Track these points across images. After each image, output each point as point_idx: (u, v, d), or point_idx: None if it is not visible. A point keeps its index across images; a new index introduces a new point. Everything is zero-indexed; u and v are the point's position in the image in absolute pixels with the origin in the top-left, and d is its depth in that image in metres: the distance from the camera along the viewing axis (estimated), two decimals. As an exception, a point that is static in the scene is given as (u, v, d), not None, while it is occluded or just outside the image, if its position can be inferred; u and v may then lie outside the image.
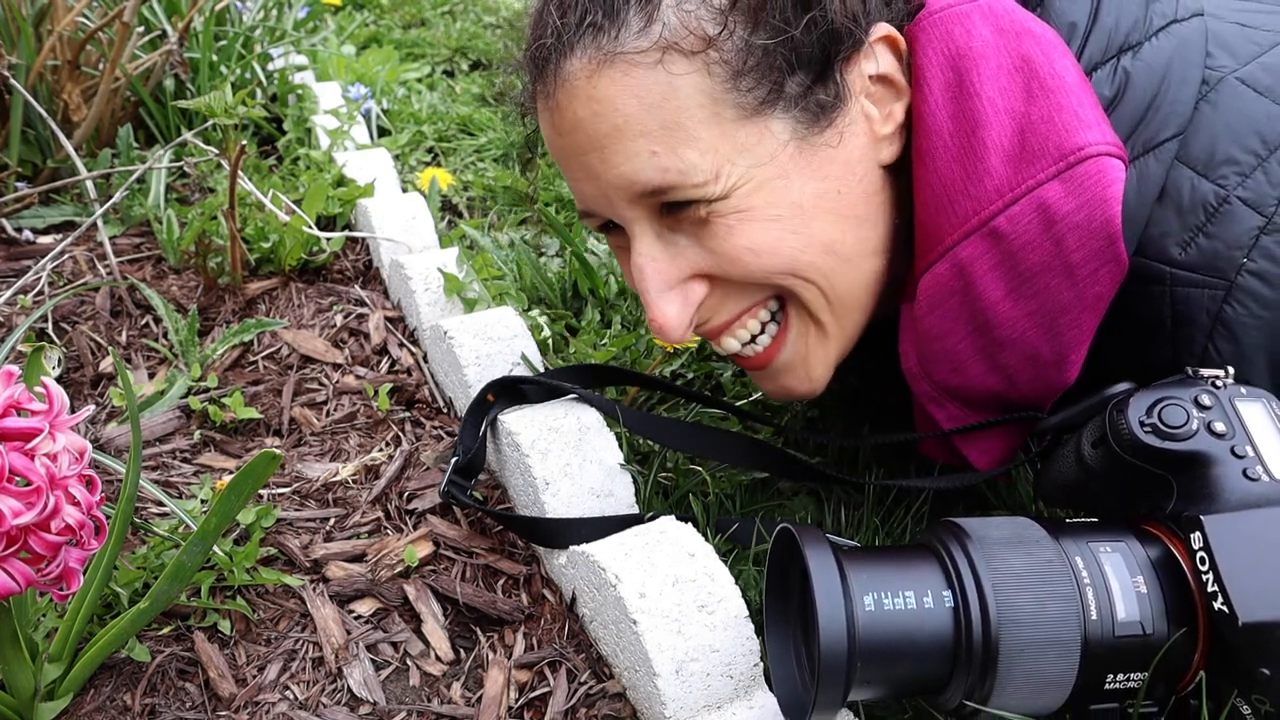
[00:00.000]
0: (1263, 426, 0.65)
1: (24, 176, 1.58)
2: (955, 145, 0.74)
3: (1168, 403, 0.66)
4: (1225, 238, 0.71)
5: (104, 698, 0.79)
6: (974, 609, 0.60)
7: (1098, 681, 0.61)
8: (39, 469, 0.61)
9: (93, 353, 1.22)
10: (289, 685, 0.81)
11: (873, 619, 0.60)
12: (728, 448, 0.95)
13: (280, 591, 0.90)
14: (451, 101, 2.07)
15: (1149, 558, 0.63)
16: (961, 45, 0.74)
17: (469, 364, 1.06)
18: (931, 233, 0.76)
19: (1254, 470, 0.63)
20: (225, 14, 1.91)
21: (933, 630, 0.61)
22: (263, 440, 1.10)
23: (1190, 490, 0.64)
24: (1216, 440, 0.64)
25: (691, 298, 0.79)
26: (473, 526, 0.98)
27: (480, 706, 0.80)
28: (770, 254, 0.76)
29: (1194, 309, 0.72)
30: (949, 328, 0.78)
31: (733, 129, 0.73)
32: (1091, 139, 0.71)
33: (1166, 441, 0.65)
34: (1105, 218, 0.71)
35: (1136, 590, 0.61)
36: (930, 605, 0.61)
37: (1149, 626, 0.61)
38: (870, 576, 0.62)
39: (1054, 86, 0.72)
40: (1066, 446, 0.75)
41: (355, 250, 1.49)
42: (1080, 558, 0.62)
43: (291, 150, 1.75)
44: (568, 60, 0.74)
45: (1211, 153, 0.72)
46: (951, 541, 0.63)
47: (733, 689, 0.75)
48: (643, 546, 0.80)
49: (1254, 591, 0.57)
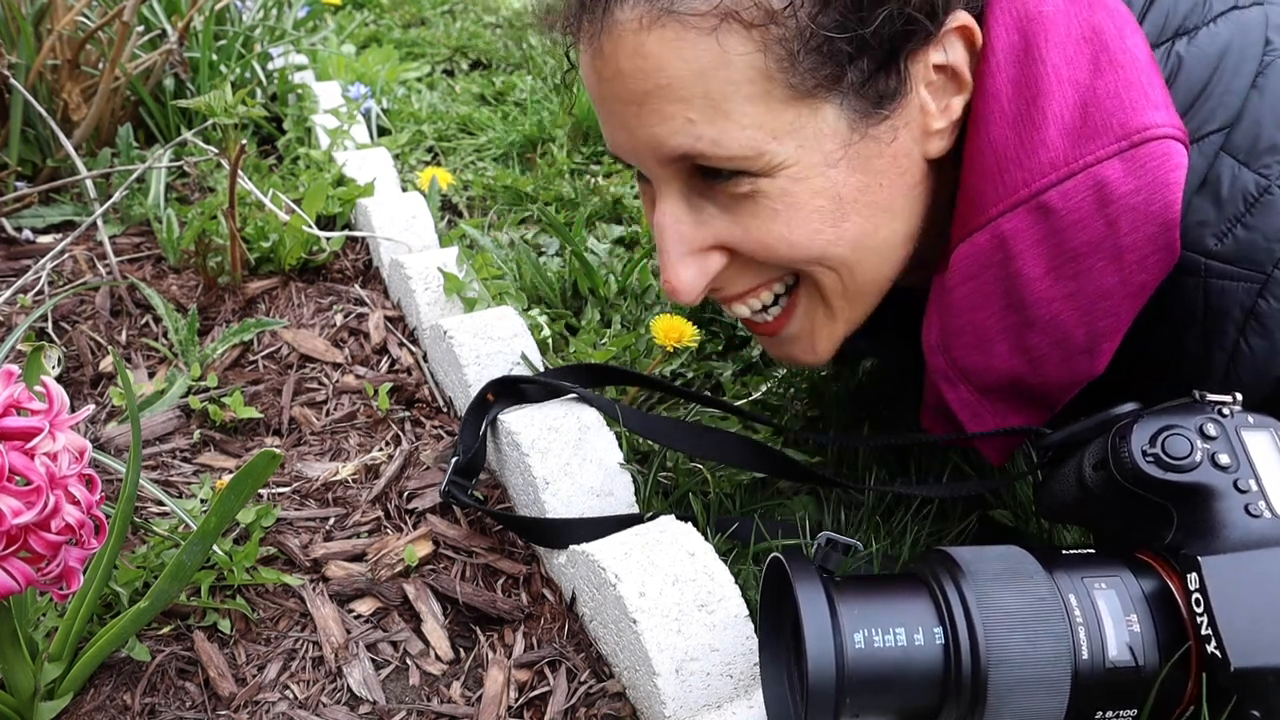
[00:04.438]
0: (1268, 458, 0.63)
1: (24, 176, 1.58)
2: (1013, 112, 0.70)
3: (1172, 432, 0.64)
4: (1264, 229, 0.68)
5: (104, 697, 0.79)
6: (964, 646, 0.60)
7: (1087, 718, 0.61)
8: (39, 468, 0.61)
9: (93, 352, 1.22)
10: (289, 685, 0.81)
11: (862, 655, 0.60)
12: (727, 448, 0.95)
13: (280, 591, 0.90)
14: (451, 101, 2.07)
15: (1143, 592, 0.62)
16: (1032, 9, 0.71)
17: (469, 363, 1.06)
18: (976, 201, 0.73)
19: (1256, 506, 0.61)
20: (225, 13, 1.91)
21: (922, 666, 0.61)
22: (263, 440, 1.10)
23: (1191, 522, 0.63)
24: (1220, 473, 0.63)
25: (709, 267, 0.76)
26: (473, 526, 0.98)
27: (480, 706, 0.80)
28: (804, 246, 0.73)
29: (1228, 302, 0.70)
30: (979, 301, 0.75)
31: (781, 109, 0.69)
32: (1158, 120, 0.68)
33: (1169, 473, 0.63)
34: (1165, 203, 0.68)
35: (1129, 628, 0.61)
36: (920, 642, 0.61)
37: (1141, 661, 0.60)
38: (861, 612, 0.61)
39: (1123, 61, 0.69)
40: (1068, 465, 0.74)
41: (355, 250, 1.49)
42: (1074, 595, 0.61)
43: (291, 150, 1.75)
44: (620, 7, 0.69)
45: (1255, 139, 0.69)
46: (944, 575, 0.63)
47: (733, 688, 0.75)
48: (643, 546, 0.80)
49: (1247, 636, 0.57)
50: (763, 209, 0.72)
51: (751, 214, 0.73)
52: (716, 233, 0.75)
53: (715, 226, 0.75)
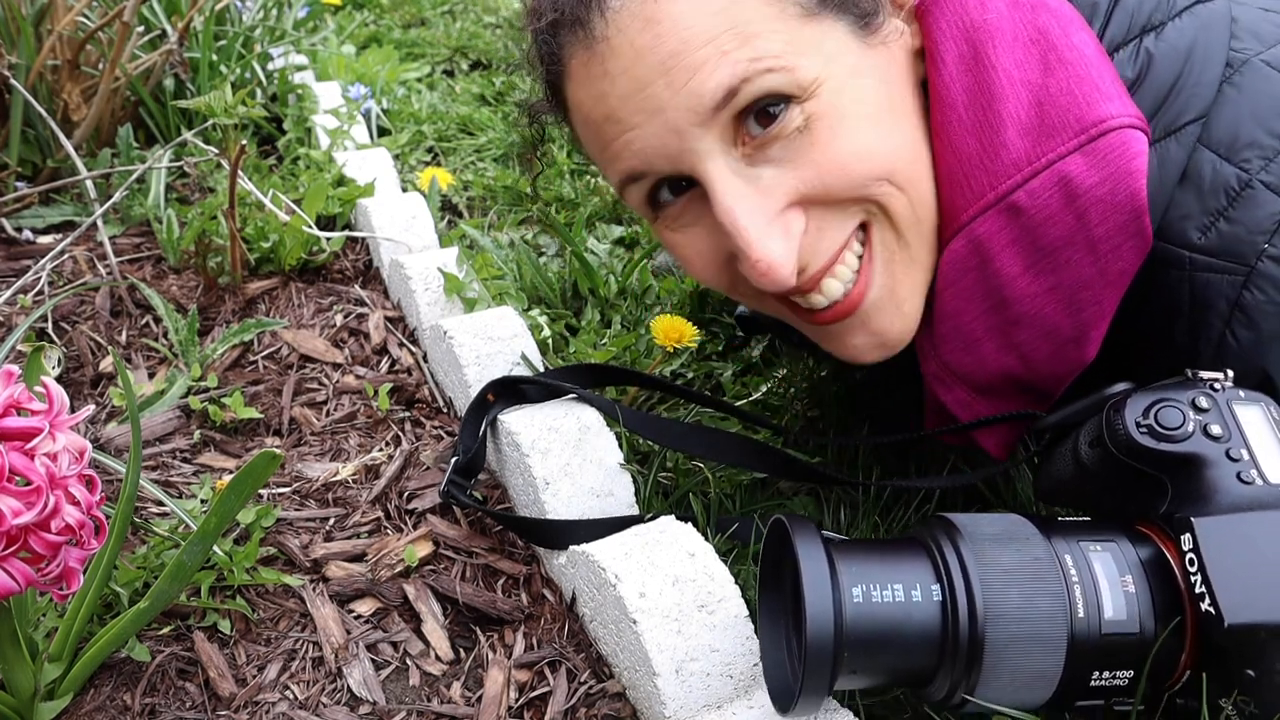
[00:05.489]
0: (1259, 430, 0.65)
1: (24, 176, 1.58)
2: (971, 118, 0.73)
3: (1164, 404, 0.66)
4: (1247, 222, 0.69)
5: (104, 697, 0.79)
6: (962, 603, 0.60)
7: (1084, 678, 0.61)
8: (39, 469, 0.61)
9: (93, 353, 1.22)
10: (289, 685, 0.81)
11: (860, 610, 0.61)
12: (727, 449, 0.95)
13: (280, 591, 0.90)
14: (451, 101, 2.07)
15: (1139, 557, 0.63)
16: (975, 18, 0.74)
17: (469, 364, 1.06)
18: (948, 210, 0.74)
19: (1248, 474, 0.63)
20: (225, 14, 1.91)
21: (920, 623, 0.61)
22: (263, 440, 1.10)
23: (1184, 492, 0.64)
24: (1212, 443, 0.64)
25: (793, 229, 0.73)
26: (473, 526, 0.98)
27: (480, 706, 0.80)
28: (870, 156, 0.72)
29: (1212, 294, 0.71)
30: (962, 305, 0.76)
31: (798, 26, 0.70)
32: (1113, 111, 0.70)
33: (1162, 443, 0.65)
34: (1130, 191, 0.70)
35: (1125, 589, 0.61)
36: (919, 599, 0.61)
37: (1136, 625, 0.61)
38: (860, 569, 0.62)
39: (1071, 59, 0.71)
40: (1064, 446, 0.75)
41: (355, 250, 1.49)
42: (1069, 555, 0.62)
43: (291, 150, 1.75)
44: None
45: (1235, 136, 0.71)
46: (942, 536, 0.64)
47: (732, 689, 0.75)
48: (643, 546, 0.80)
49: (1241, 593, 0.58)
50: (820, 133, 0.71)
51: (812, 144, 0.71)
52: (785, 188, 0.72)
53: (781, 183, 0.72)
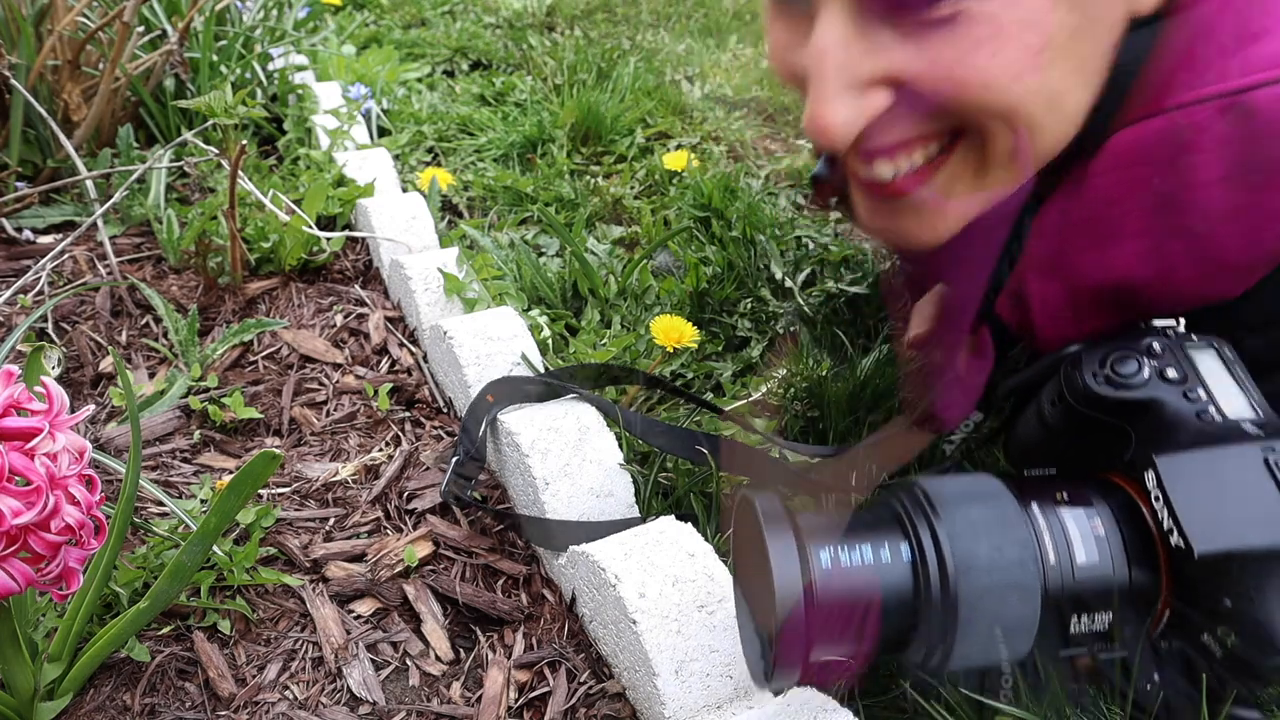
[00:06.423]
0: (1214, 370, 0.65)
1: (24, 176, 1.58)
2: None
3: (1120, 353, 0.66)
4: None
5: (104, 697, 0.79)
6: (931, 559, 0.60)
7: (1062, 625, 0.61)
8: (39, 469, 0.61)
9: (93, 353, 1.22)
10: (289, 685, 0.81)
11: (829, 575, 0.59)
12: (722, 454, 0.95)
13: (280, 591, 0.90)
14: (451, 101, 2.07)
15: (1108, 503, 0.63)
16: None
17: (469, 364, 1.06)
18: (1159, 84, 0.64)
19: (1206, 413, 0.63)
20: (225, 14, 1.91)
21: (891, 584, 0.60)
22: (263, 440, 1.10)
23: (1146, 436, 0.65)
24: (1169, 386, 0.65)
25: (870, 105, 0.63)
26: (473, 526, 0.98)
27: (480, 706, 0.80)
28: (1001, 89, 0.61)
29: None
30: (1124, 195, 0.66)
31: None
32: None
33: (1120, 390, 0.65)
34: None
35: (1095, 534, 0.61)
36: (888, 559, 0.61)
37: (1109, 567, 0.61)
38: (826, 534, 0.61)
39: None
40: (1029, 410, 0.75)
41: (355, 250, 1.49)
42: (1036, 504, 0.63)
43: (291, 150, 1.75)
44: None
45: None
46: (907, 497, 0.63)
47: (732, 689, 0.75)
48: (643, 547, 0.80)
49: (1208, 524, 0.58)
50: (963, 37, 0.60)
51: (947, 41, 0.60)
52: (891, 63, 0.62)
53: (891, 56, 0.62)
